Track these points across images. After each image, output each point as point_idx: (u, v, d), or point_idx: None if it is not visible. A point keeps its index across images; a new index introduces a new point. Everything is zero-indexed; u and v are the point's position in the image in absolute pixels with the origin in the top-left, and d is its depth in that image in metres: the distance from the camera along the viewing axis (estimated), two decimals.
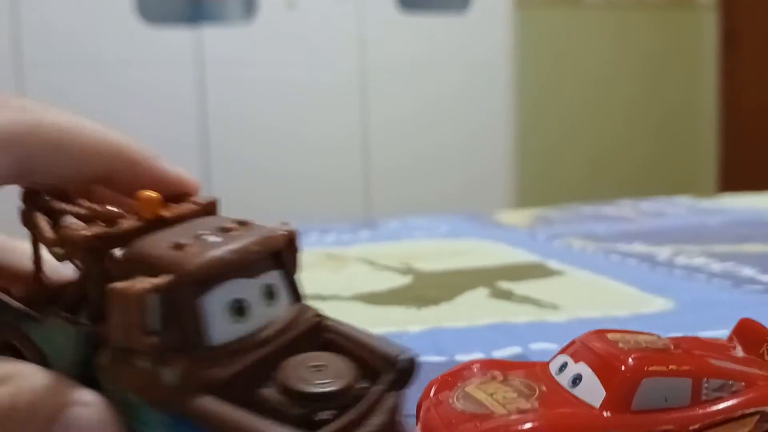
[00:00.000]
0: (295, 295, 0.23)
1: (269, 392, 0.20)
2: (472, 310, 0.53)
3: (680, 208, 1.00)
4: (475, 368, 0.29)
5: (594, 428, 0.24)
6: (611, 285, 0.59)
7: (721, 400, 0.25)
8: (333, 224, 0.93)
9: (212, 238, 0.21)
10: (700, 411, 0.25)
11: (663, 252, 0.71)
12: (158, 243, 0.21)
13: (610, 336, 0.28)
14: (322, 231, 0.88)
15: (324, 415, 0.19)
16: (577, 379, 0.26)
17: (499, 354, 0.43)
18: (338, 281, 0.63)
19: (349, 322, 0.23)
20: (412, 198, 1.86)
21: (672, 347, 0.27)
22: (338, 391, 0.20)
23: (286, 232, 0.23)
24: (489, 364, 0.30)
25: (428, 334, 0.47)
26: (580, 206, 1.03)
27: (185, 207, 0.24)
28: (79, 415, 0.21)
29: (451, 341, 0.45)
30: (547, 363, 0.29)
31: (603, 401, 0.25)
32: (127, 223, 0.23)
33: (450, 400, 0.27)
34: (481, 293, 0.58)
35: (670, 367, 0.25)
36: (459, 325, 0.49)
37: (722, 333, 0.46)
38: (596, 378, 0.26)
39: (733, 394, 0.26)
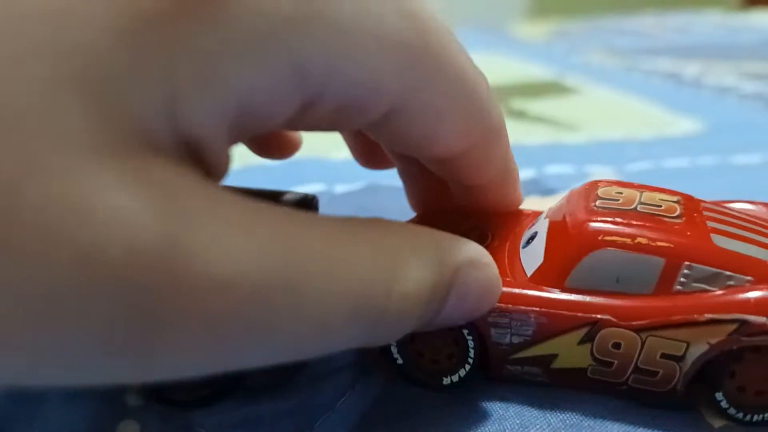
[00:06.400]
0: None
1: None
2: None
3: (708, 25, 0.94)
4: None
5: (501, 299, 0.19)
6: (634, 104, 0.55)
7: (698, 294, 0.19)
8: None
9: None
10: (654, 303, 0.19)
11: (690, 70, 0.65)
12: None
13: (602, 191, 0.21)
14: None
15: None
16: (531, 238, 0.21)
17: None
18: None
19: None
20: None
21: (682, 215, 0.20)
22: None
23: None
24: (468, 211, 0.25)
25: None
26: (600, 19, 0.96)
27: None
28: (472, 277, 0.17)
29: None
30: (539, 213, 0.24)
31: (536, 270, 0.20)
32: None
33: None
34: None
35: (638, 240, 0.19)
36: None
37: (755, 158, 0.43)
38: (544, 241, 0.21)
39: (726, 289, 0.19)
